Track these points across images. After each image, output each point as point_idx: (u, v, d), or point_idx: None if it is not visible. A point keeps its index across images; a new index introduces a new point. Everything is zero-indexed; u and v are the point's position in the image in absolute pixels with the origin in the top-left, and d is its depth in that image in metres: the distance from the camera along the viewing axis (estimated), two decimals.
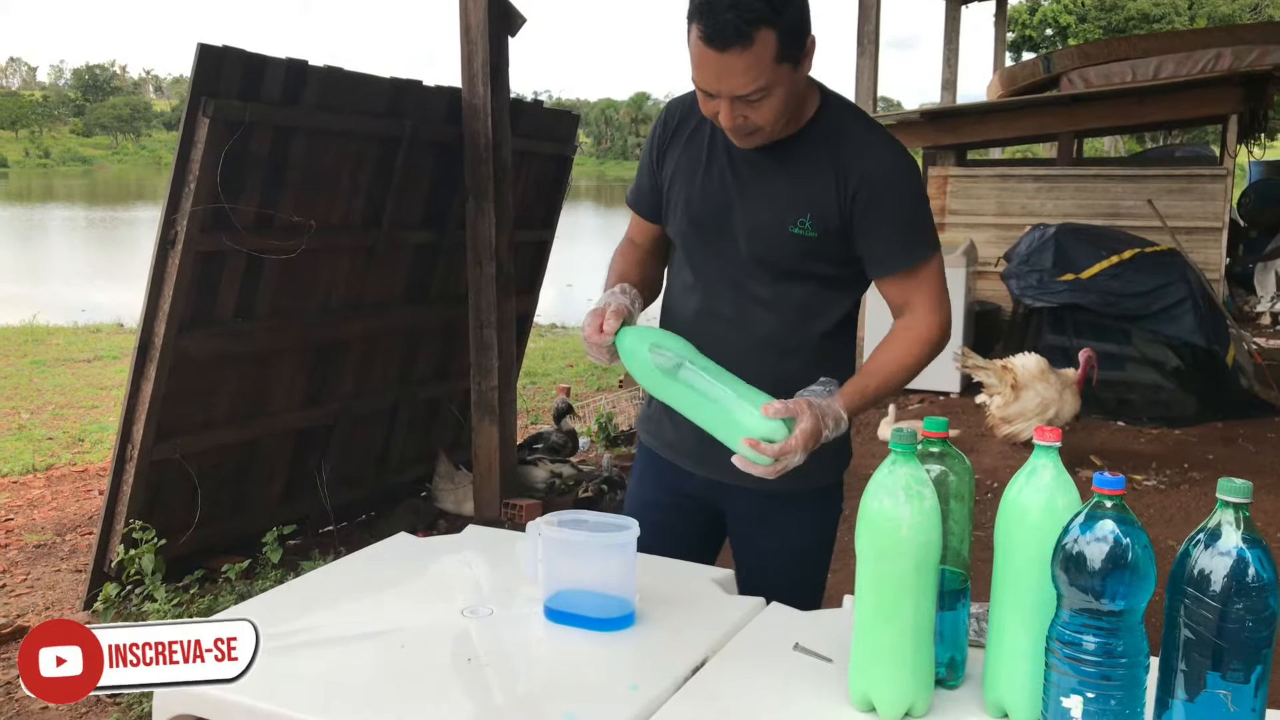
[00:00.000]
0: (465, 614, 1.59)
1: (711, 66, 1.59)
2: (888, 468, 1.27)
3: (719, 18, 1.55)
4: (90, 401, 7.56)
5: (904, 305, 1.80)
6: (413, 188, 4.51)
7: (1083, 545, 1.10)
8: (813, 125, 1.76)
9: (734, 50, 1.56)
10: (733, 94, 1.61)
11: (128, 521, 3.63)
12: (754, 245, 1.78)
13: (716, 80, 1.61)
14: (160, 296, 3.54)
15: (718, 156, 1.80)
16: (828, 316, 1.84)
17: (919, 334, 1.78)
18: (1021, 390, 5.43)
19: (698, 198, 1.82)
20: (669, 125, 1.87)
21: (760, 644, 1.52)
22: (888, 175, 1.73)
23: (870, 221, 1.74)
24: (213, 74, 3.46)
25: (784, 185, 1.76)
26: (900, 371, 1.77)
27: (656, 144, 1.89)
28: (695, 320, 1.85)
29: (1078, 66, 8.86)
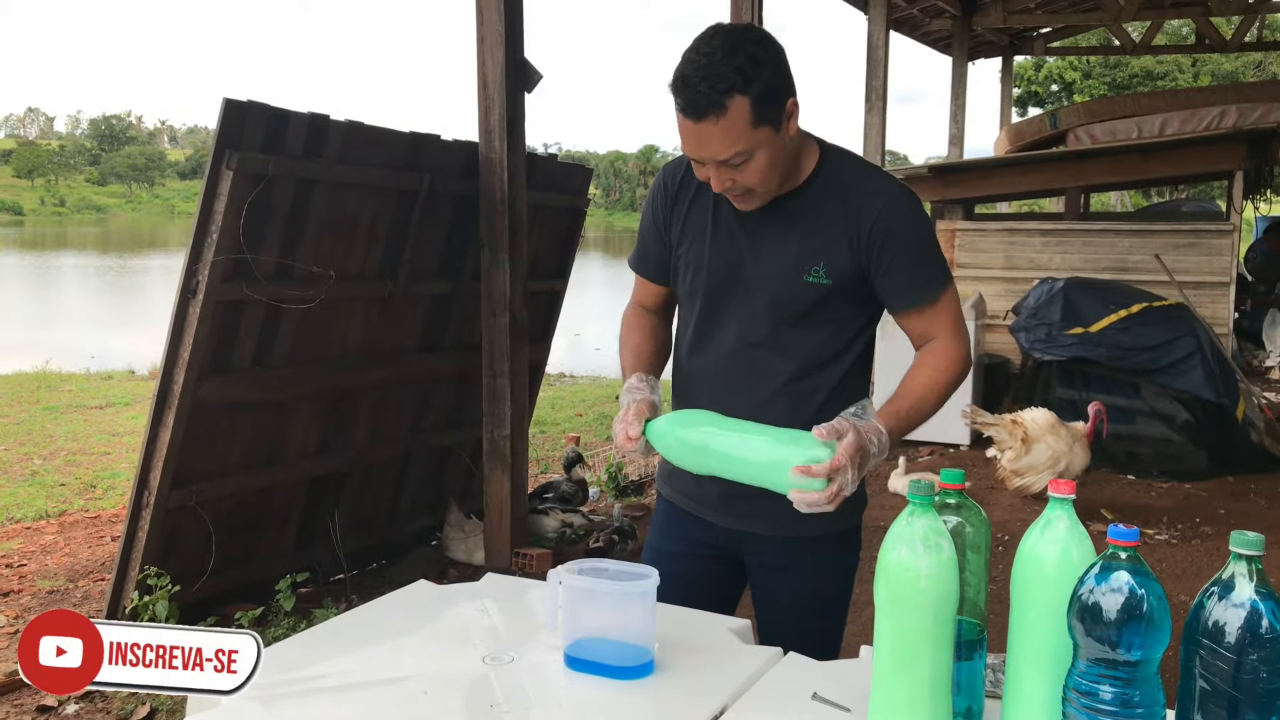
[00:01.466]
0: (486, 661, 1.61)
1: (692, 136, 1.68)
2: (906, 519, 1.30)
3: (693, 90, 1.64)
4: (102, 448, 7.60)
5: (926, 335, 1.86)
6: (429, 239, 4.58)
7: (1098, 596, 1.12)
8: (815, 178, 1.82)
9: (709, 119, 1.64)
10: (715, 159, 1.69)
11: (142, 568, 3.66)
12: (769, 298, 1.83)
13: (699, 148, 1.70)
14: (180, 345, 3.59)
15: (725, 215, 1.86)
16: (844, 360, 1.88)
17: (945, 356, 1.82)
18: (1032, 444, 5.45)
19: (710, 256, 1.87)
20: (669, 189, 1.92)
21: (778, 694, 1.54)
22: (899, 214, 1.80)
23: (887, 260, 1.80)
24: (237, 127, 3.54)
25: (795, 238, 1.81)
26: (930, 393, 1.81)
27: (660, 208, 1.94)
28: (713, 375, 1.89)
29: (1084, 123, 8.97)
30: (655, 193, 1.95)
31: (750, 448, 1.65)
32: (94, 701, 3.42)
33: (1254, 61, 30.28)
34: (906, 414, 1.78)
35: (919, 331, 1.86)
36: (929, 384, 1.81)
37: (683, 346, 1.98)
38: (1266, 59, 28.87)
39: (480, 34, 4.40)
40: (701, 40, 1.68)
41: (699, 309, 1.91)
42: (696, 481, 1.90)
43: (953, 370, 1.82)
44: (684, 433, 1.71)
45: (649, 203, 1.96)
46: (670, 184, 1.93)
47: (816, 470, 1.57)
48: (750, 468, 1.66)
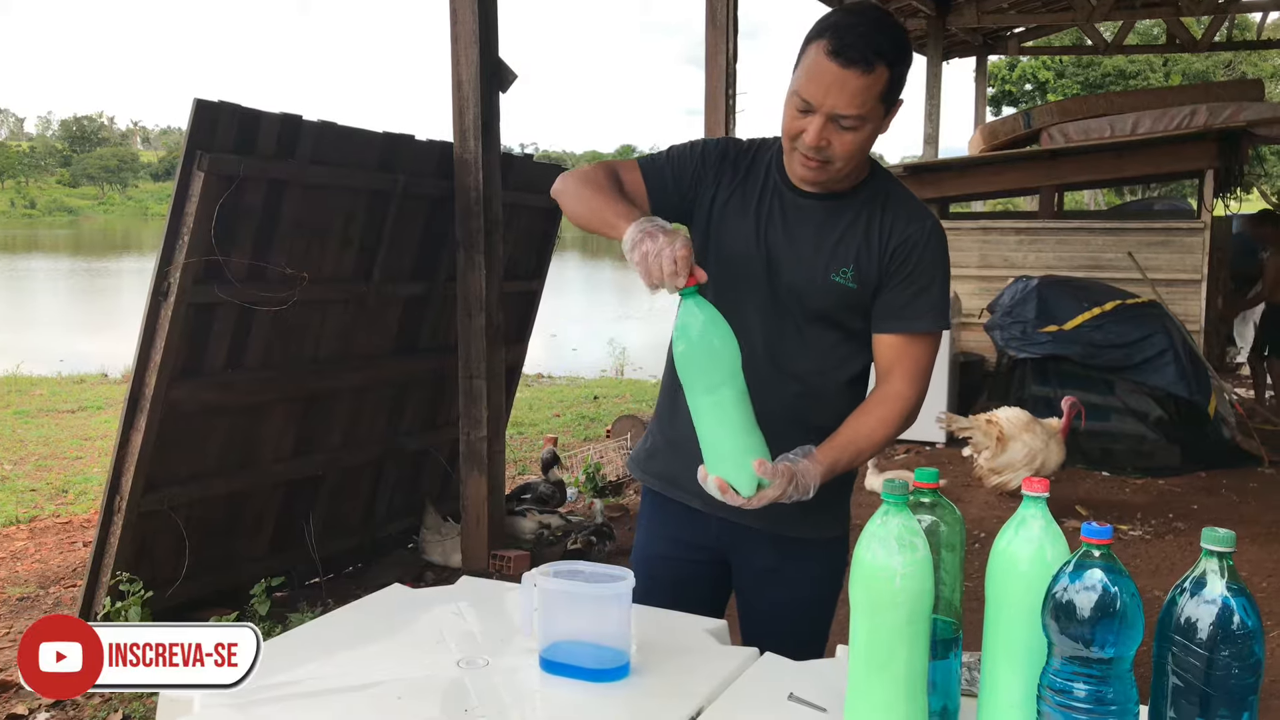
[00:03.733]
0: (461, 665, 1.60)
1: (826, 78, 1.68)
2: (880, 519, 1.30)
3: (852, 38, 1.66)
4: (74, 452, 7.52)
5: (890, 368, 1.86)
6: (404, 240, 4.55)
7: (1072, 594, 1.13)
8: (863, 187, 1.86)
9: (854, 70, 1.66)
10: (833, 111, 1.69)
11: (115, 573, 3.62)
12: (794, 286, 1.85)
13: (824, 93, 1.68)
14: (152, 348, 3.56)
15: (771, 199, 1.87)
16: (851, 366, 1.91)
17: (893, 411, 1.83)
18: (1008, 442, 5.48)
19: (747, 231, 1.87)
20: (728, 155, 1.91)
21: (755, 694, 1.53)
22: (926, 243, 1.84)
23: (898, 280, 1.83)
24: (208, 128, 3.51)
25: (830, 234, 1.84)
26: (870, 448, 1.84)
27: (712, 159, 1.90)
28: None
29: (1057, 122, 9.02)
30: (715, 146, 1.92)
31: (722, 422, 1.65)
32: (65, 709, 3.38)
33: (1224, 61, 30.60)
34: (842, 468, 1.79)
35: (885, 360, 1.86)
36: (870, 438, 1.82)
37: None
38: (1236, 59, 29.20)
39: (454, 34, 4.38)
40: (864, 7, 1.73)
41: (718, 278, 1.83)
42: (678, 456, 1.88)
43: (900, 424, 1.84)
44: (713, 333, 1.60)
45: (702, 146, 1.92)
46: (735, 153, 1.91)
47: (730, 497, 1.65)
48: (704, 428, 1.66)
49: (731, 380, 1.63)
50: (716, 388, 1.63)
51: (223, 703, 1.44)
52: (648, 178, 1.89)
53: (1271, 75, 31.79)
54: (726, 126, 6.51)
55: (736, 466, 1.65)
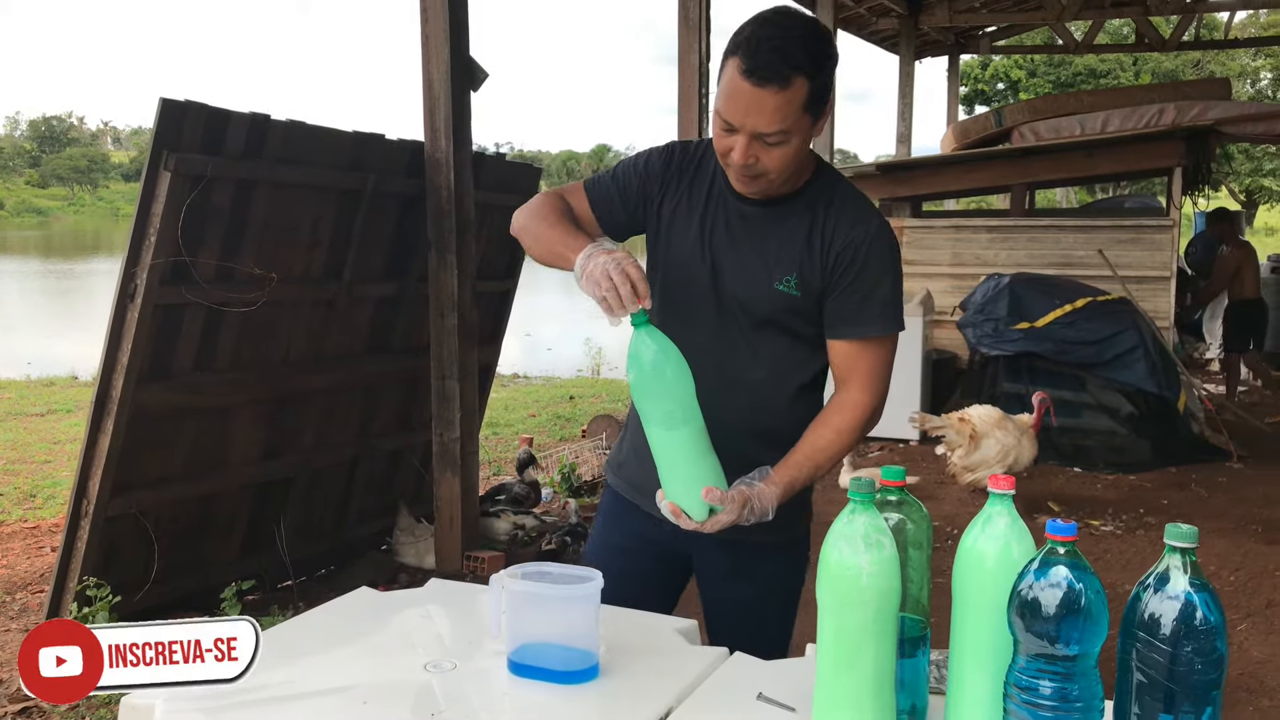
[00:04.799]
0: (428, 669, 1.58)
1: (743, 99, 1.65)
2: (846, 517, 1.29)
3: (763, 55, 1.62)
4: (43, 456, 7.42)
5: (846, 374, 1.84)
6: (374, 240, 4.52)
7: (1037, 591, 1.13)
8: (808, 189, 1.83)
9: (770, 88, 1.63)
10: (755, 130, 1.66)
11: (81, 578, 3.58)
12: (738, 295, 1.83)
13: (744, 113, 1.66)
14: (119, 350, 3.52)
15: (716, 206, 1.85)
16: (803, 372, 1.89)
17: (851, 420, 1.82)
18: (981, 439, 5.50)
19: (693, 240, 1.85)
20: (672, 163, 1.89)
21: (724, 694, 1.53)
22: (872, 245, 1.81)
23: (845, 284, 1.81)
24: (175, 128, 3.47)
25: (774, 243, 1.82)
26: (829, 461, 1.83)
27: (657, 171, 1.89)
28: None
29: (1028, 120, 9.08)
30: (659, 155, 1.90)
31: (677, 450, 1.67)
32: (31, 716, 3.34)
33: (1193, 60, 30.90)
34: (801, 484, 1.80)
35: (841, 367, 1.84)
36: (828, 450, 1.81)
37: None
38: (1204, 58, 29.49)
39: (425, 33, 4.36)
40: (774, 14, 1.68)
41: (664, 285, 1.88)
42: (643, 469, 1.88)
43: (859, 432, 1.84)
44: (665, 363, 1.62)
45: (647, 158, 1.90)
46: (680, 160, 1.89)
47: (682, 521, 1.70)
48: (660, 454, 1.68)
49: (684, 409, 1.65)
50: (669, 417, 1.65)
51: (186, 708, 1.42)
52: (593, 202, 1.90)
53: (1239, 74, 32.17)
54: (700, 125, 6.51)
55: (688, 493, 1.68)
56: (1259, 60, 33.62)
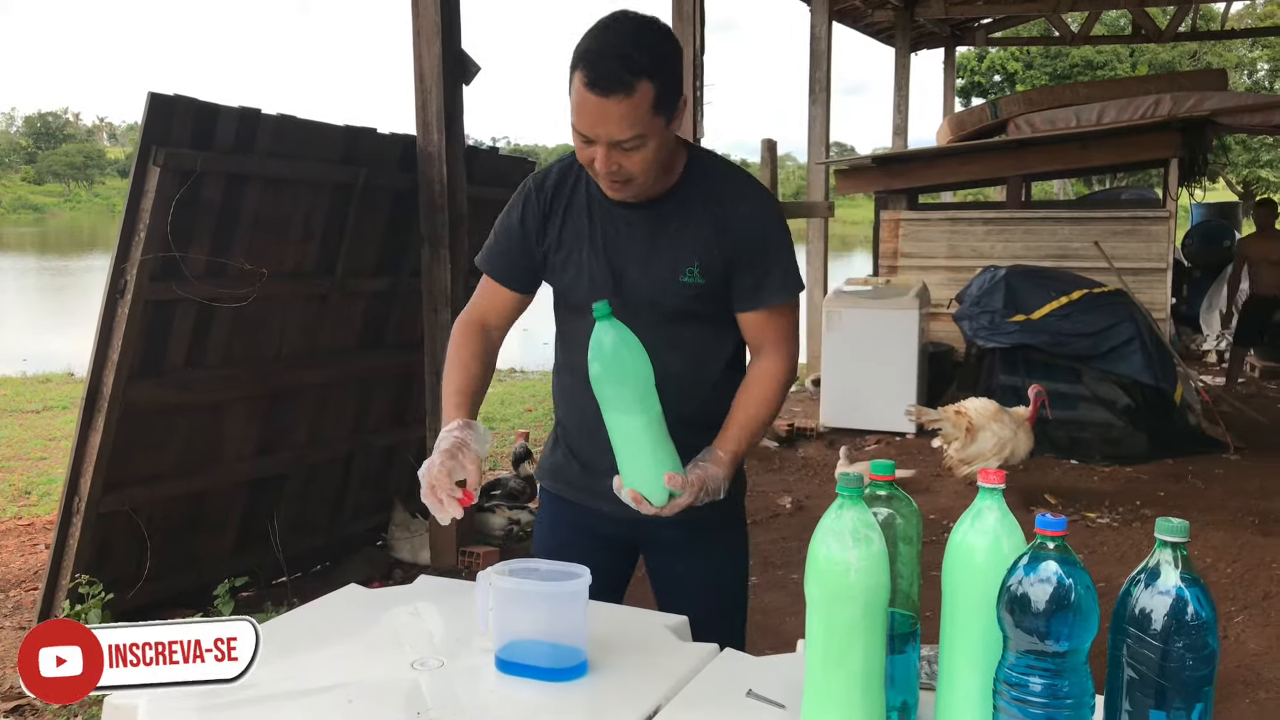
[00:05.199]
0: (415, 666, 1.57)
1: (592, 111, 1.67)
2: (834, 512, 1.28)
3: (604, 65, 1.64)
4: (38, 453, 7.41)
5: (759, 343, 1.92)
6: (367, 235, 4.50)
7: (1027, 587, 1.11)
8: (685, 180, 1.87)
9: (616, 97, 1.65)
10: (610, 139, 1.69)
11: (74, 575, 3.56)
12: (646, 296, 1.86)
13: (595, 125, 1.68)
14: (109, 346, 3.50)
15: (599, 219, 1.88)
16: (722, 353, 1.95)
17: (771, 387, 1.90)
18: (977, 432, 5.49)
19: (593, 264, 1.89)
20: (543, 198, 1.91)
21: (713, 691, 1.51)
22: (766, 220, 1.88)
23: (746, 261, 1.86)
24: (163, 123, 3.45)
25: (669, 239, 1.86)
26: (762, 426, 1.90)
27: (532, 216, 1.91)
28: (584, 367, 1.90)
29: (1024, 112, 9.06)
30: (526, 201, 1.92)
31: (635, 438, 1.70)
32: (24, 714, 3.33)
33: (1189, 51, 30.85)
34: (744, 451, 1.87)
35: (753, 336, 1.92)
36: (759, 417, 1.88)
37: (561, 352, 2.02)
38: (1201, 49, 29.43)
39: (416, 26, 4.33)
40: (611, 20, 1.70)
41: (576, 308, 1.92)
42: (585, 473, 1.97)
43: (779, 392, 1.91)
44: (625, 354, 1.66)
45: (516, 210, 1.93)
46: (544, 193, 1.91)
47: (644, 507, 1.74)
48: (618, 442, 1.72)
49: (645, 397, 1.68)
50: (630, 407, 1.68)
51: (172, 708, 1.41)
52: (503, 280, 1.96)
53: (1236, 66, 32.11)
54: (694, 118, 6.50)
55: (650, 480, 1.71)
56: (1256, 51, 33.55)
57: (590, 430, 1.86)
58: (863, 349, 7.13)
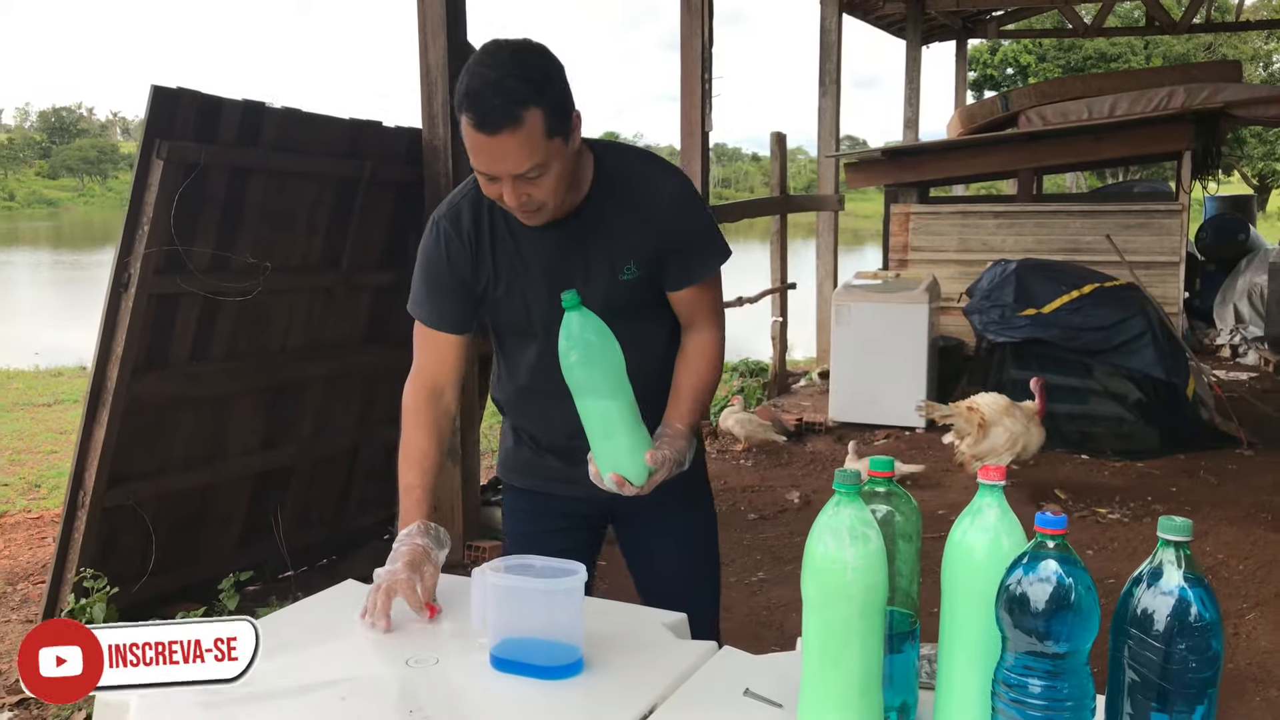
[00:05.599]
0: (410, 664, 1.56)
1: (487, 151, 1.66)
2: (831, 509, 1.26)
3: (487, 104, 1.62)
4: (49, 446, 7.42)
5: (692, 317, 1.96)
6: (372, 228, 4.49)
7: (1026, 586, 1.09)
8: (597, 186, 1.87)
9: (505, 132, 1.63)
10: (511, 174, 1.68)
11: (79, 570, 3.56)
12: (600, 300, 1.83)
13: (494, 163, 1.67)
14: (113, 340, 3.49)
15: (529, 246, 1.87)
16: (662, 332, 1.99)
17: (710, 357, 1.96)
18: (990, 428, 5.44)
19: (525, 281, 1.88)
20: (465, 238, 1.88)
21: (710, 690, 1.50)
22: (684, 203, 1.90)
23: (671, 246, 1.89)
24: (167, 116, 3.44)
25: (599, 244, 1.88)
26: (709, 394, 1.96)
27: (459, 258, 1.88)
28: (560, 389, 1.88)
29: (1035, 104, 8.98)
30: (448, 243, 1.88)
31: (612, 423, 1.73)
32: (30, 708, 3.33)
33: (1204, 44, 30.64)
34: (698, 418, 1.94)
35: (686, 310, 1.96)
36: (705, 387, 1.95)
37: (518, 375, 2.01)
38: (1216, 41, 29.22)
39: (421, 19, 4.31)
40: (485, 54, 1.68)
41: (541, 340, 1.92)
42: (544, 463, 2.03)
43: (718, 360, 1.98)
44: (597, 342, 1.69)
45: (439, 253, 1.89)
46: (463, 233, 1.88)
47: (626, 489, 1.77)
48: (594, 429, 1.75)
49: (619, 381, 1.71)
50: (606, 391, 1.71)
51: (160, 707, 1.39)
52: (446, 328, 1.95)
53: (1251, 58, 31.88)
54: (703, 110, 6.47)
55: (631, 461, 1.75)
56: (1271, 43, 33.31)
57: (566, 436, 1.89)
58: (872, 343, 7.09)
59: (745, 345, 9.13)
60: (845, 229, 10.24)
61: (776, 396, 8.17)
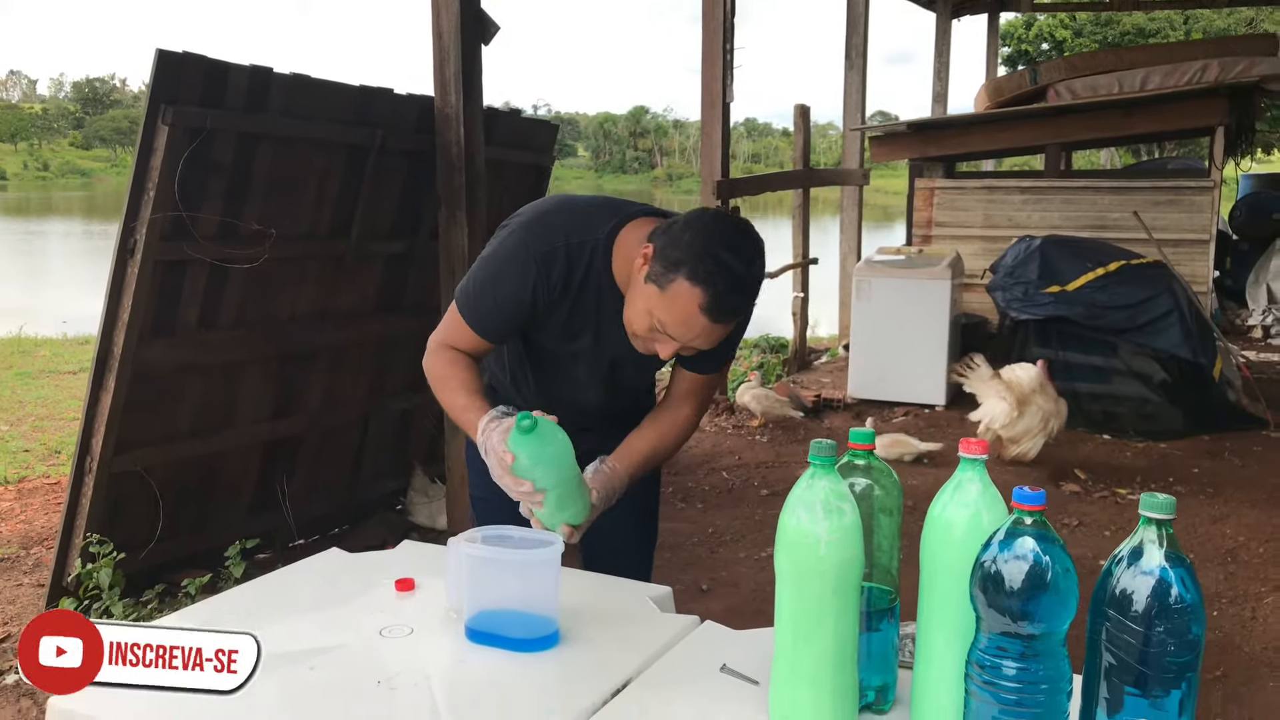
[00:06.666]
0: (384, 634, 1.53)
1: (699, 329, 1.70)
2: (806, 482, 1.22)
3: (731, 299, 1.68)
4: (72, 414, 7.47)
5: (685, 397, 1.99)
6: (383, 197, 4.46)
7: (1001, 565, 1.05)
8: None
9: (723, 324, 1.72)
10: (692, 346, 1.75)
11: (86, 535, 3.57)
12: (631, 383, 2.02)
13: (690, 336, 1.72)
14: (119, 306, 3.48)
15: (608, 315, 1.87)
16: (644, 388, 2.16)
17: (685, 431, 2.01)
18: (1026, 406, 5.34)
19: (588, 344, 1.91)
20: (551, 283, 1.84)
21: (687, 665, 1.46)
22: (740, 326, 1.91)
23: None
24: (172, 80, 3.41)
25: None
26: (661, 461, 2.00)
27: (541, 295, 1.84)
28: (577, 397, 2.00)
29: (1064, 78, 8.80)
30: (536, 280, 1.83)
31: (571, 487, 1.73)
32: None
33: (1246, 19, 29.98)
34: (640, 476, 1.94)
35: (684, 390, 1.99)
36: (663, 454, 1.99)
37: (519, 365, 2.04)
38: (1258, 15, 28.59)
39: None
40: (732, 234, 1.71)
41: (563, 367, 1.97)
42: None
43: (685, 439, 2.03)
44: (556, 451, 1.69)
45: (525, 283, 1.83)
46: (552, 280, 1.84)
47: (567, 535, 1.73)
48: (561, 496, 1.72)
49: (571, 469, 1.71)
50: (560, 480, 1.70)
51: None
52: (488, 337, 1.92)
53: None
54: (724, 80, 6.38)
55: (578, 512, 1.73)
56: None
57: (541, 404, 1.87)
58: (893, 320, 7.00)
59: (766, 321, 9.05)
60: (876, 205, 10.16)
61: (796, 372, 8.10)
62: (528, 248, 1.83)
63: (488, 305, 1.88)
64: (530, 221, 1.86)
